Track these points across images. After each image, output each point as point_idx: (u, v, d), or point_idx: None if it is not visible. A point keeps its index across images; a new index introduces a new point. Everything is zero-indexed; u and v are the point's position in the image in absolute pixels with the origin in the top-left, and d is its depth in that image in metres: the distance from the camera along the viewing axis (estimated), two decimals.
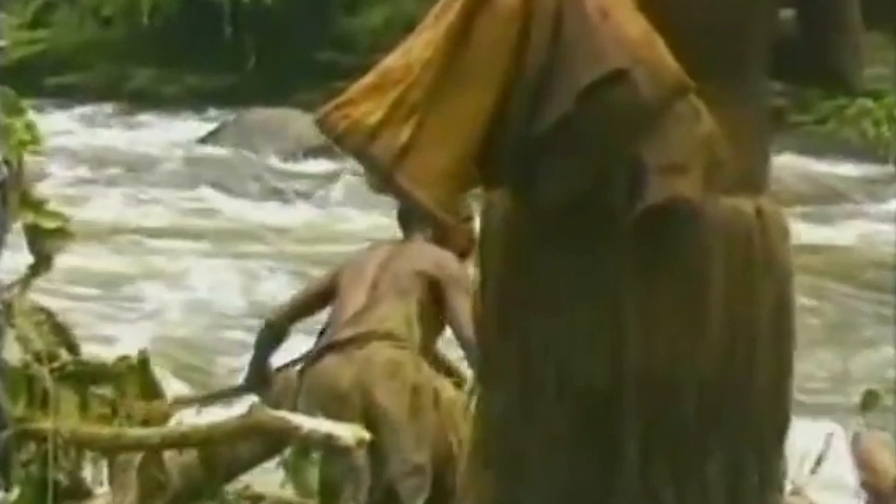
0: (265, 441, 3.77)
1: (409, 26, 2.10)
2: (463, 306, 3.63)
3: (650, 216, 2.01)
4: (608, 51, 1.86)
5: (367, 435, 3.45)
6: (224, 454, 3.74)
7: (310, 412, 3.66)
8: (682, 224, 2.04)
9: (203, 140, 15.24)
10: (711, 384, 2.14)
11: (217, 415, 4.01)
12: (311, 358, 4.05)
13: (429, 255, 4.07)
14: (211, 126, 15.87)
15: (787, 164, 14.90)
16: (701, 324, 2.12)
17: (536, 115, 1.91)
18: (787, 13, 2.16)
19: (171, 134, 15.90)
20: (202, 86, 18.31)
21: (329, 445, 3.46)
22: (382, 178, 1.94)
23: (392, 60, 1.97)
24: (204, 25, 18.45)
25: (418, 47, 1.94)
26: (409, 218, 4.04)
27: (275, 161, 14.22)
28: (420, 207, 1.95)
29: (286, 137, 14.71)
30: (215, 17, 18.48)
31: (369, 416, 3.80)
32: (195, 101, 17.80)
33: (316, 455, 3.72)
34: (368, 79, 1.98)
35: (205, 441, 3.66)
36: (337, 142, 1.98)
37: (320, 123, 2.03)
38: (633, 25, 1.87)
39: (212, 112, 17.23)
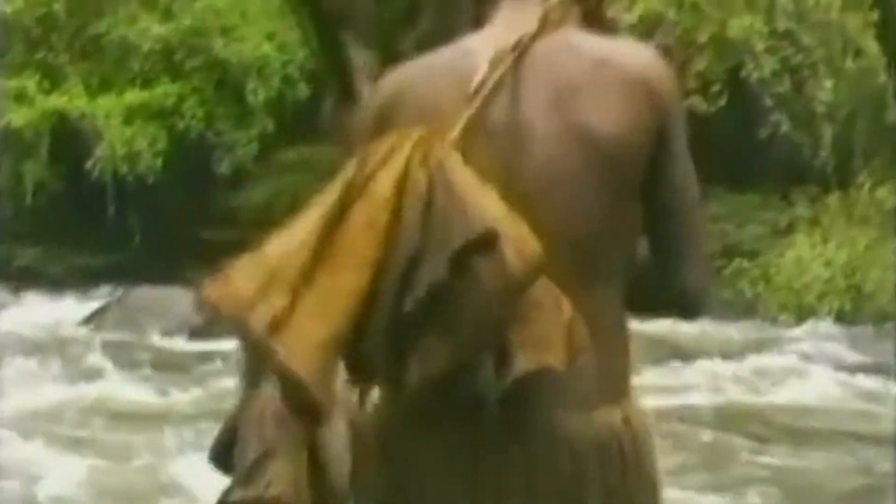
0: None
1: (293, 203, 2.06)
2: None
3: (521, 437, 2.02)
4: (478, 216, 1.90)
5: None
6: None
7: None
8: (555, 444, 2.05)
9: (86, 320, 14.99)
10: None
11: None
12: None
13: None
14: (96, 305, 15.62)
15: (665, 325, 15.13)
16: None
17: (408, 292, 1.92)
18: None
19: (55, 313, 15.60)
20: (88, 265, 18.22)
21: None
22: (257, 349, 1.95)
23: (271, 239, 2.05)
24: (88, 203, 18.42)
25: (297, 228, 2.03)
26: None
27: (158, 340, 14.02)
28: (293, 380, 1.91)
29: (171, 316, 14.59)
30: (99, 194, 18.41)
31: None
32: (81, 280, 17.67)
33: None
34: (248, 255, 2.04)
35: None
36: (215, 312, 2.01)
37: (200, 297, 2.06)
38: (497, 208, 1.92)
39: (97, 291, 17.09)
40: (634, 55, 2.09)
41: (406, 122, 2.04)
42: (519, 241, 1.89)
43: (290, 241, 2.02)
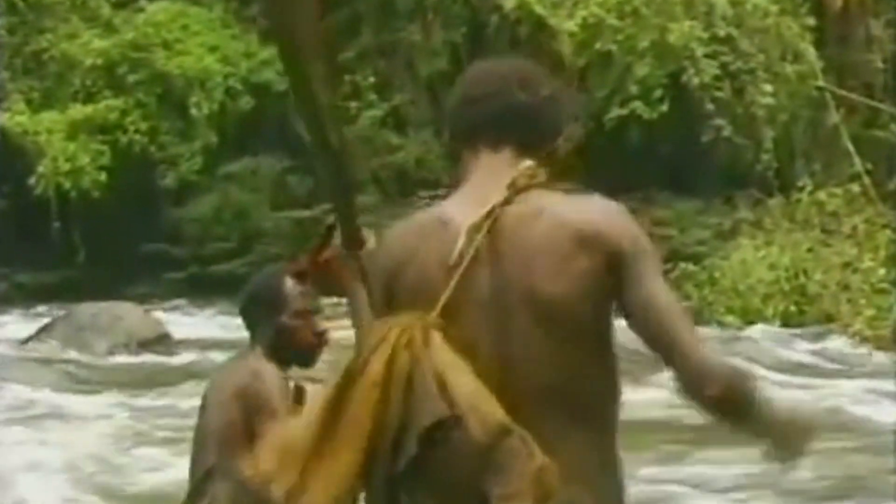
0: None
1: (237, 215, 2.08)
2: None
3: None
4: (447, 398, 2.25)
5: None
6: None
7: None
8: None
9: (30, 338, 14.80)
10: None
11: None
12: None
13: None
14: (40, 323, 15.43)
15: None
16: None
17: (397, 458, 2.29)
18: None
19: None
20: (31, 282, 18.09)
21: None
22: None
23: (290, 422, 2.54)
24: (32, 220, 18.26)
25: (307, 411, 2.42)
26: None
27: (105, 357, 13.86)
28: None
29: (118, 331, 14.39)
30: (43, 211, 18.27)
31: None
32: (24, 299, 17.51)
33: None
34: (272, 436, 2.46)
35: None
36: (247, 485, 2.54)
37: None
38: (465, 383, 2.25)
39: (41, 308, 16.87)
40: (591, 212, 2.35)
41: (404, 296, 2.38)
42: (483, 414, 2.23)
43: (301, 422, 2.38)
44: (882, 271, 14.86)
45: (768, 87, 17.46)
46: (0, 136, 18.49)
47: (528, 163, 2.39)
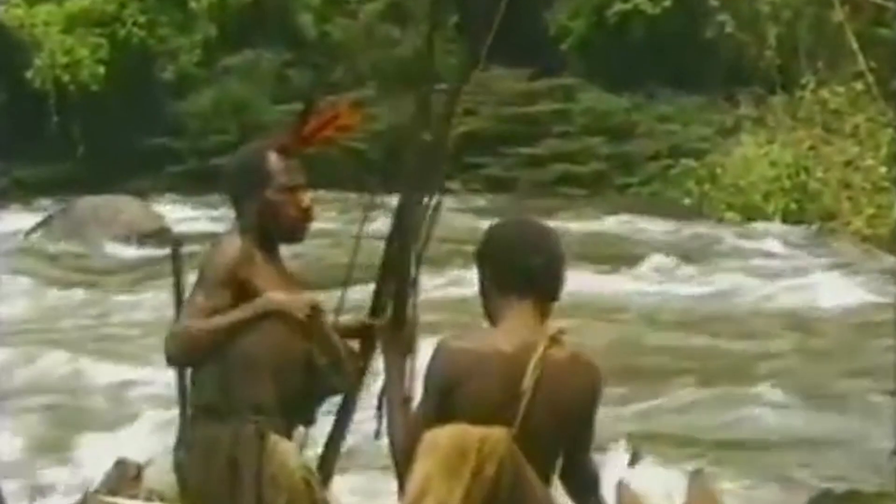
0: None
1: (237, 108, 2.08)
2: None
3: None
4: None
5: None
6: None
7: None
8: None
9: (31, 231, 14.79)
10: None
11: None
12: None
13: None
14: (40, 217, 15.40)
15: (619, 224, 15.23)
16: None
17: None
18: None
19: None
20: (30, 177, 18.04)
21: None
22: None
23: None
24: (30, 115, 18.17)
25: (441, 489, 2.90)
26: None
27: (107, 247, 13.90)
28: None
29: (118, 224, 14.43)
30: (42, 106, 18.16)
31: None
32: (24, 193, 17.43)
33: None
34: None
35: None
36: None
37: None
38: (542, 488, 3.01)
39: (41, 202, 16.84)
40: (585, 364, 3.07)
41: (467, 408, 2.96)
42: None
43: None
44: (883, 170, 14.82)
45: None
46: None
47: (561, 324, 3.06)
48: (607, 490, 3.20)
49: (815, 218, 14.74)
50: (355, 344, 3.57)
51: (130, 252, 13.76)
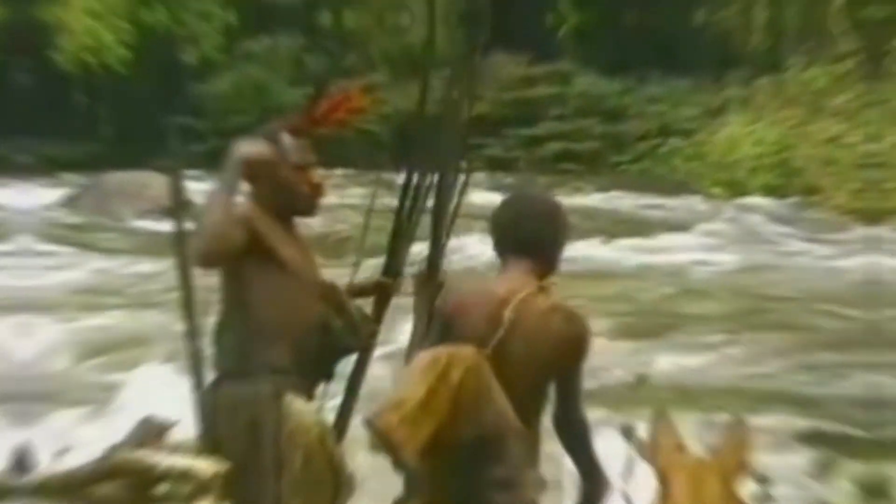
0: (130, 483, 3.66)
1: (257, 91, 2.46)
2: None
3: None
4: (503, 414, 3.35)
5: (223, 468, 3.49)
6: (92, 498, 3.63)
7: None
8: None
9: (61, 205, 15.11)
10: None
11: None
12: None
13: None
14: (68, 192, 15.67)
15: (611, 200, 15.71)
16: None
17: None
18: None
19: (29, 200, 15.75)
20: (58, 154, 18.32)
21: (188, 479, 3.51)
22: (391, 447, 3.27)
23: (402, 388, 3.29)
24: (57, 95, 18.52)
25: (411, 388, 3.27)
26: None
27: (133, 221, 14.29)
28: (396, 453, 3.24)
29: (144, 199, 14.76)
30: (68, 86, 18.62)
31: None
32: (51, 170, 17.65)
33: None
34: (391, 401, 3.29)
35: (64, 488, 3.56)
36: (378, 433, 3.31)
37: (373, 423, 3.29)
38: (502, 400, 3.34)
39: (68, 178, 17.12)
40: (566, 313, 3.40)
41: (461, 333, 3.36)
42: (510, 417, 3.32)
43: (410, 389, 3.27)
44: (869, 146, 15.09)
45: None
46: (22, 10, 18.49)
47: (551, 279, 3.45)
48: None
49: (798, 192, 15.01)
50: (368, 307, 3.87)
51: (155, 225, 13.78)
